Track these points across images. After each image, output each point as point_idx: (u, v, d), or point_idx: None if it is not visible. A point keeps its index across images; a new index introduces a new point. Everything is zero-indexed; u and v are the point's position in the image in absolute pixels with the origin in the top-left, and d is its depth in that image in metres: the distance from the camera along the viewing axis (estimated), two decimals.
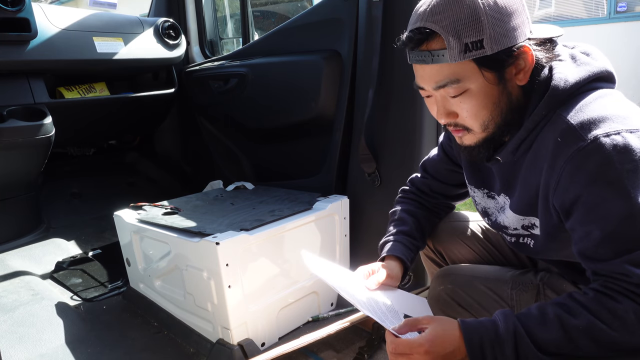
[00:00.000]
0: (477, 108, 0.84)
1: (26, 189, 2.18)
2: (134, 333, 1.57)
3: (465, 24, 0.78)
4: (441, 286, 1.18)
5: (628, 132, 0.74)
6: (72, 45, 1.95)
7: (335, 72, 1.72)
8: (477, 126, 0.87)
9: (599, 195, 0.75)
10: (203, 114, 2.39)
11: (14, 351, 1.42)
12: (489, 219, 1.05)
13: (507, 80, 0.83)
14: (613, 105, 0.79)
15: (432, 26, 0.80)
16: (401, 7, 1.47)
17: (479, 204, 1.07)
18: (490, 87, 0.83)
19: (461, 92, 0.84)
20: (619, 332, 0.74)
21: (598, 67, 0.84)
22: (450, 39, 0.79)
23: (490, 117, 0.85)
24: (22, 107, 1.85)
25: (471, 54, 0.79)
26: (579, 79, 0.82)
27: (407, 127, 1.54)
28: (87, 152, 2.74)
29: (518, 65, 0.82)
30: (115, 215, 1.72)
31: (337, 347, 1.25)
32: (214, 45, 2.68)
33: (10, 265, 1.94)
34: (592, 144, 0.75)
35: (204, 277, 1.38)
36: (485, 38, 0.78)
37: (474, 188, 1.07)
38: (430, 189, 1.22)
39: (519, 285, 1.08)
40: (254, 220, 1.48)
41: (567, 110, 0.80)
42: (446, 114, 0.88)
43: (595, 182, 0.75)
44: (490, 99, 0.84)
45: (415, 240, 1.17)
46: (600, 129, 0.75)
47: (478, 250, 1.23)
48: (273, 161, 2.17)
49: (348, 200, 1.66)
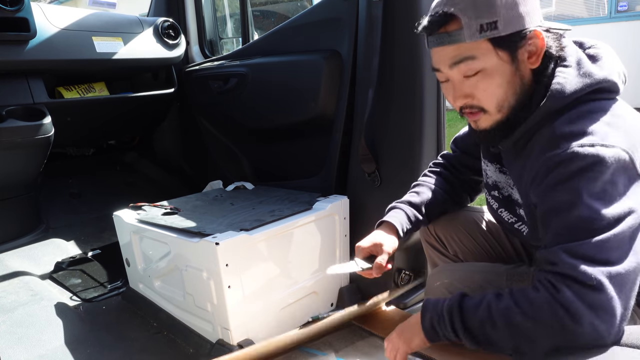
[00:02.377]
0: (493, 87, 0.89)
1: (25, 189, 2.17)
2: (134, 333, 1.57)
3: (481, 6, 0.85)
4: (438, 281, 1.21)
5: (602, 146, 0.81)
6: (72, 45, 1.95)
7: (335, 72, 1.72)
8: (493, 106, 0.91)
9: (558, 195, 0.83)
10: (203, 113, 2.39)
11: (13, 352, 1.41)
12: (500, 192, 1.10)
13: (519, 62, 0.88)
14: (600, 120, 0.85)
15: (449, 9, 0.87)
16: (401, 7, 1.46)
17: (490, 177, 1.12)
18: (505, 66, 0.88)
19: (476, 72, 0.89)
20: (530, 318, 0.81)
21: (597, 79, 0.87)
22: (467, 19, 0.85)
23: (505, 96, 0.90)
24: (21, 107, 1.84)
25: (486, 33, 0.85)
26: (574, 90, 0.87)
27: (407, 127, 1.53)
28: (87, 152, 2.74)
29: (530, 48, 0.88)
30: (115, 215, 1.72)
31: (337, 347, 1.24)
32: (214, 45, 2.67)
33: (9, 265, 1.93)
34: (566, 152, 0.82)
35: (204, 278, 1.37)
36: (500, 19, 0.84)
37: (487, 162, 1.12)
38: (460, 162, 1.27)
39: (515, 277, 1.12)
40: (254, 221, 1.48)
41: (557, 121, 0.87)
42: (463, 95, 0.92)
43: (558, 183, 0.83)
44: (504, 77, 0.89)
45: (418, 214, 1.22)
46: (578, 141, 0.82)
47: (479, 240, 1.26)
48: (273, 161, 2.16)
49: (348, 200, 1.66)
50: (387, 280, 1.61)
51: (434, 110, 1.53)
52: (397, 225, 1.19)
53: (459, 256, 1.30)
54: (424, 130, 1.51)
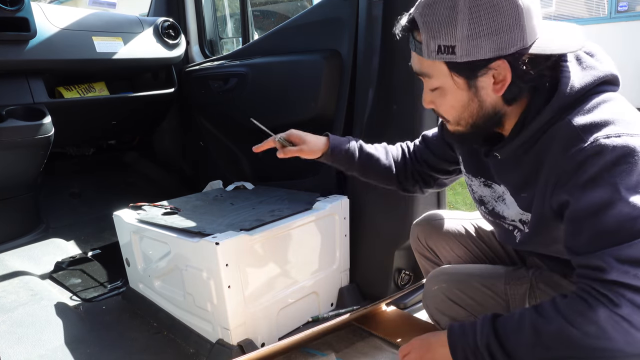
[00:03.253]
0: (446, 106, 0.89)
1: (25, 188, 2.17)
2: (134, 333, 1.57)
3: (441, 26, 0.80)
4: (435, 286, 1.19)
5: (628, 136, 0.76)
6: (72, 45, 1.95)
7: (335, 72, 1.72)
8: (451, 119, 0.92)
9: (592, 193, 0.77)
10: (203, 113, 2.39)
11: (13, 352, 1.41)
12: (485, 207, 1.07)
13: (479, 88, 0.84)
14: (616, 109, 0.81)
15: (417, 18, 0.84)
16: (401, 7, 1.46)
17: (475, 192, 1.09)
18: (459, 91, 0.86)
19: (434, 88, 0.89)
20: (593, 337, 0.74)
21: (603, 71, 0.85)
22: (426, 36, 0.83)
23: (459, 117, 0.89)
24: (21, 106, 1.84)
25: (442, 56, 0.82)
26: (584, 84, 0.83)
27: (407, 127, 1.53)
28: (87, 151, 2.74)
29: (495, 76, 0.83)
30: (115, 215, 1.71)
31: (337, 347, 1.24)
32: (214, 44, 2.67)
33: (9, 265, 1.93)
34: (592, 145, 0.76)
35: (204, 277, 1.37)
36: (458, 45, 0.80)
37: (470, 176, 1.10)
38: (421, 154, 1.27)
39: (513, 280, 1.11)
40: (254, 221, 1.48)
41: (572, 115, 0.81)
42: (427, 101, 0.94)
43: (590, 181, 0.77)
44: (459, 101, 0.87)
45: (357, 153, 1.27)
46: (602, 132, 0.77)
47: (470, 247, 1.26)
48: (273, 161, 2.15)
49: (348, 200, 1.66)
50: (387, 280, 1.61)
51: None
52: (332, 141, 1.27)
53: (452, 264, 1.30)
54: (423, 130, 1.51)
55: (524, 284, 1.09)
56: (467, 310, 1.15)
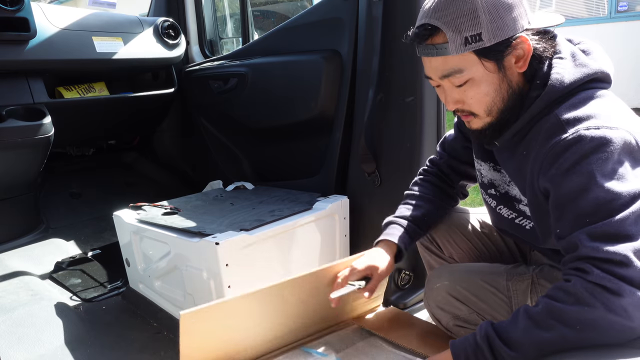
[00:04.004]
0: (480, 95, 0.92)
1: (25, 189, 2.17)
2: (134, 333, 1.57)
3: (465, 19, 0.86)
4: (437, 283, 1.20)
5: (607, 129, 0.82)
6: (72, 45, 1.95)
7: (335, 72, 1.72)
8: (482, 111, 0.94)
9: (571, 179, 0.83)
10: (203, 113, 2.39)
11: (13, 352, 1.41)
12: (496, 189, 1.10)
13: (506, 68, 0.91)
14: (600, 105, 0.87)
15: (435, 22, 0.89)
16: (401, 7, 1.46)
17: (485, 176, 1.12)
18: (491, 75, 0.90)
19: (465, 81, 0.91)
20: (575, 306, 0.78)
21: (594, 69, 0.90)
22: (452, 33, 0.87)
23: (493, 102, 0.93)
24: (21, 106, 1.84)
25: (471, 46, 0.87)
26: (574, 79, 0.89)
27: (407, 127, 1.53)
28: (87, 152, 2.74)
29: (516, 54, 0.90)
30: (115, 215, 1.72)
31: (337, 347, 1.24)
32: (214, 45, 2.67)
33: (10, 265, 1.93)
34: (572, 135, 0.83)
35: (204, 278, 1.37)
36: (484, 31, 0.86)
37: (480, 161, 1.13)
38: (449, 167, 1.27)
39: (514, 277, 1.12)
40: (254, 221, 1.48)
41: (560, 109, 0.88)
42: (453, 101, 0.96)
43: (570, 168, 0.83)
44: (491, 86, 0.91)
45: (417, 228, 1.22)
46: (582, 124, 0.83)
47: (474, 241, 1.26)
48: (273, 161, 2.16)
49: (348, 200, 1.66)
50: (387, 281, 1.61)
51: (434, 110, 1.53)
52: (400, 243, 1.17)
53: (455, 258, 1.30)
54: (424, 130, 1.51)
55: (525, 280, 1.11)
56: (468, 307, 1.15)
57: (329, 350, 1.24)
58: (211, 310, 1.04)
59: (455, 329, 1.19)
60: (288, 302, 1.16)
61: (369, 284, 1.14)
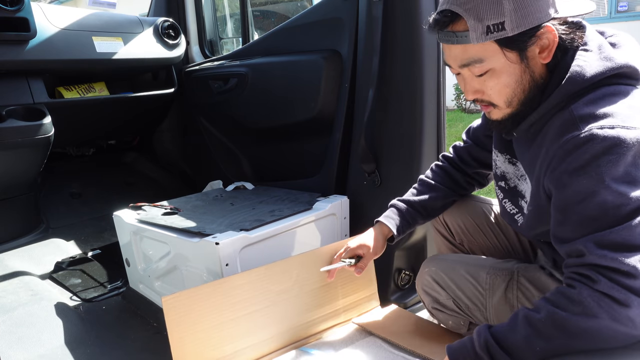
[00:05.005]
0: (501, 86, 0.89)
1: (25, 189, 2.17)
2: (134, 333, 1.57)
3: (488, 7, 0.82)
4: (426, 269, 1.26)
5: (622, 128, 0.77)
6: (72, 45, 1.95)
7: (335, 72, 1.72)
8: (502, 102, 0.91)
9: (579, 181, 0.79)
10: (203, 113, 2.39)
11: (13, 352, 1.41)
12: (506, 183, 1.09)
13: (529, 59, 0.87)
14: (621, 103, 0.81)
15: (456, 9, 0.85)
16: (401, 7, 1.46)
17: (499, 167, 1.11)
18: (513, 66, 0.87)
19: (485, 71, 0.88)
20: (581, 316, 0.76)
21: (619, 64, 0.84)
22: (473, 21, 0.83)
23: (513, 94, 0.89)
24: (21, 106, 1.84)
25: (493, 35, 0.83)
26: (595, 73, 0.83)
27: (407, 127, 1.53)
28: (87, 152, 2.74)
29: (541, 45, 0.85)
30: (115, 215, 1.72)
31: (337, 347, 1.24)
32: (214, 45, 2.67)
33: (10, 265, 1.93)
34: (584, 134, 0.79)
35: (204, 278, 1.37)
36: (507, 20, 0.82)
37: (497, 152, 1.11)
38: (469, 153, 1.26)
39: (495, 271, 1.14)
40: (254, 221, 1.48)
41: (577, 104, 0.84)
42: (473, 91, 0.93)
43: (579, 168, 0.79)
44: (512, 77, 0.88)
45: (416, 213, 1.25)
46: (597, 123, 0.79)
47: (486, 231, 1.27)
48: (273, 161, 2.16)
49: (348, 200, 1.66)
50: (387, 280, 1.61)
51: (434, 110, 1.53)
52: (392, 227, 1.23)
53: (465, 245, 1.31)
54: (424, 130, 1.51)
55: (504, 275, 1.13)
56: (446, 292, 1.21)
57: (328, 350, 1.24)
58: (192, 293, 1.07)
59: (434, 311, 1.27)
60: (278, 283, 1.22)
61: (359, 262, 1.22)
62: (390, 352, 1.21)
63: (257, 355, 1.21)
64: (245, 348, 1.18)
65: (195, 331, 1.10)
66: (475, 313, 1.18)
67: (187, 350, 1.09)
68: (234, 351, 1.16)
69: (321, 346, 1.26)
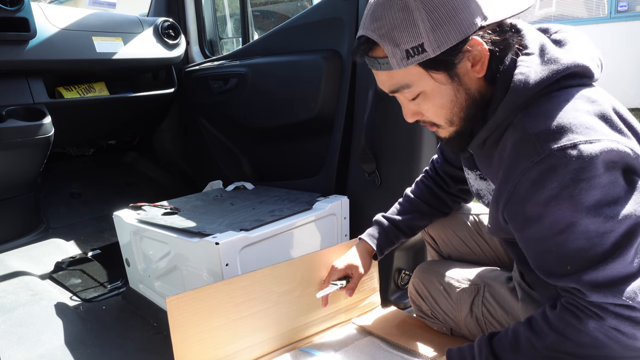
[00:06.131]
0: (436, 108, 0.83)
1: (25, 189, 2.17)
2: (134, 333, 1.57)
3: (402, 30, 0.75)
4: (414, 278, 1.29)
5: (587, 144, 0.69)
6: (72, 45, 1.95)
7: (335, 72, 1.72)
8: (443, 122, 0.86)
9: (553, 211, 0.73)
10: (203, 113, 2.39)
11: (12, 352, 1.41)
12: (482, 201, 1.07)
13: (461, 76, 0.80)
14: (576, 110, 0.73)
15: (371, 35, 0.79)
16: None
17: (473, 185, 1.08)
18: (443, 87, 0.80)
19: (416, 95, 0.83)
20: (590, 348, 0.75)
21: (565, 64, 0.76)
22: (390, 47, 0.77)
23: (451, 113, 0.83)
24: (21, 107, 1.84)
25: (414, 59, 0.76)
26: (540, 79, 0.76)
27: (407, 127, 1.53)
28: (87, 152, 2.74)
29: (471, 59, 0.78)
30: (115, 215, 1.72)
31: (337, 347, 1.24)
32: (214, 45, 2.67)
33: (9, 265, 1.93)
34: (547, 158, 0.71)
35: (204, 278, 1.37)
36: (425, 41, 0.75)
37: (467, 170, 1.07)
38: (445, 172, 1.24)
39: (464, 285, 1.16)
40: (254, 221, 1.48)
41: (527, 116, 0.76)
42: (411, 114, 0.88)
43: (551, 199, 0.72)
44: (446, 97, 0.81)
45: (399, 232, 1.26)
46: (557, 142, 0.71)
47: (469, 243, 1.28)
48: (273, 161, 2.16)
49: (348, 200, 1.66)
50: (387, 280, 1.61)
51: None
52: (375, 246, 1.25)
53: (452, 257, 1.33)
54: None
55: (472, 291, 1.14)
56: (426, 303, 1.25)
57: (328, 350, 1.24)
58: (196, 294, 1.07)
59: (420, 318, 1.31)
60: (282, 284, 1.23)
61: (349, 283, 1.23)
62: (389, 352, 1.21)
63: (257, 355, 1.21)
64: (246, 348, 1.19)
65: (197, 332, 1.10)
66: (452, 324, 1.21)
67: (189, 351, 1.09)
68: (234, 351, 1.16)
69: (321, 346, 1.26)
